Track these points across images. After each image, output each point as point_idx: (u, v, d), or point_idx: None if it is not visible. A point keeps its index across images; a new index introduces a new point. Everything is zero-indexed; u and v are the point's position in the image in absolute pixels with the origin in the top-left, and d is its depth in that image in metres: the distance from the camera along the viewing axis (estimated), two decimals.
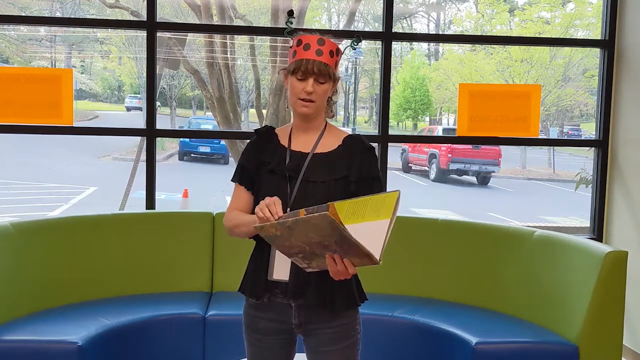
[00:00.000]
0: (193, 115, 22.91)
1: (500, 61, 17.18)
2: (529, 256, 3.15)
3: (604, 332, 2.79)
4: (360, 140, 1.89)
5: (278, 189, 1.81)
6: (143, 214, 3.49)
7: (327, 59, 1.80)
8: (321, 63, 1.79)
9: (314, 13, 21.17)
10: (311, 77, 1.79)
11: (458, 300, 3.34)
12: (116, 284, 3.27)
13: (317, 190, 1.81)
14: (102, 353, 2.70)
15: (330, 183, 1.81)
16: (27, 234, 3.04)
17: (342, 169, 1.83)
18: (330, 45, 1.83)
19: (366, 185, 1.83)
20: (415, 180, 15.85)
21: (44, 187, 12.18)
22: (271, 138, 1.93)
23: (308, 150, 1.87)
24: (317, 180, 1.82)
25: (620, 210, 3.91)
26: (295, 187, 1.81)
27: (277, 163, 1.86)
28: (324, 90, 1.82)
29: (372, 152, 1.89)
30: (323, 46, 1.81)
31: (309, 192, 1.80)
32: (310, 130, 1.89)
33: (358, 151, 1.86)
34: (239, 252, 3.40)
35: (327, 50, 1.81)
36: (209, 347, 3.00)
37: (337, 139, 1.89)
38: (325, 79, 1.81)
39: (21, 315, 2.87)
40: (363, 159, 1.85)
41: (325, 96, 1.84)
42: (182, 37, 8.31)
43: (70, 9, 17.04)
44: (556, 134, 20.50)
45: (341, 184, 1.82)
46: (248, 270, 1.92)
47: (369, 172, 1.85)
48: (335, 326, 1.85)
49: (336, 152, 1.86)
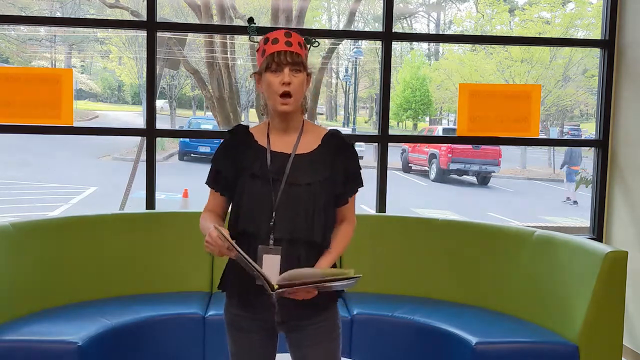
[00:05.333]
0: (193, 115, 22.92)
1: (500, 61, 17.20)
2: (529, 256, 3.15)
3: (604, 332, 2.79)
4: (340, 138, 1.90)
5: (262, 194, 1.80)
6: (143, 214, 3.49)
7: (297, 49, 1.81)
8: (293, 52, 1.79)
9: (314, 13, 21.19)
10: (286, 67, 1.79)
11: (458, 300, 3.34)
12: (116, 284, 3.27)
13: (302, 192, 1.80)
14: (102, 353, 2.70)
15: (314, 185, 1.81)
16: (27, 234, 3.04)
17: (326, 170, 1.84)
18: (298, 38, 1.83)
19: (352, 184, 1.88)
20: (415, 180, 15.85)
21: (44, 187, 12.19)
22: (247, 138, 1.90)
23: (289, 150, 1.85)
24: (301, 182, 1.81)
25: (620, 210, 3.91)
26: (280, 191, 1.80)
27: (259, 166, 1.83)
28: (300, 82, 1.80)
29: (353, 148, 1.91)
30: (291, 38, 1.81)
31: (293, 195, 1.80)
32: (289, 129, 1.87)
33: (340, 149, 1.87)
34: None
35: (296, 41, 1.82)
36: (209, 347, 3.00)
37: (317, 137, 1.89)
38: (300, 68, 1.80)
39: (21, 315, 2.87)
40: (346, 158, 1.87)
41: (301, 89, 1.82)
42: (182, 37, 8.31)
43: (70, 9, 17.04)
44: (556, 134, 20.50)
45: (326, 186, 1.83)
46: (229, 269, 1.91)
47: (354, 170, 1.88)
48: (318, 322, 1.86)
49: (317, 151, 1.86)
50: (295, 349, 1.90)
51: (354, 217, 1.95)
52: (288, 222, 1.78)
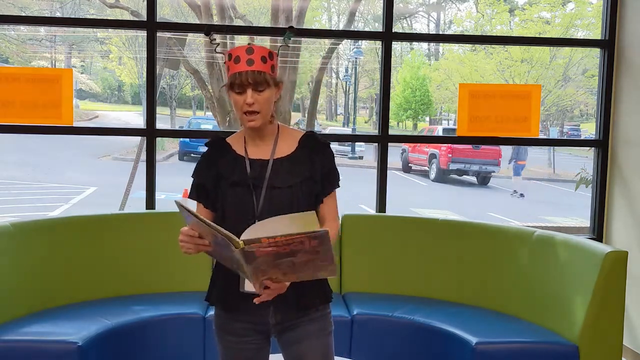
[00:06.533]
0: (193, 115, 22.93)
1: (500, 61, 17.20)
2: (529, 256, 3.15)
3: (604, 332, 2.79)
4: (316, 139, 1.90)
5: (243, 200, 1.80)
6: (143, 214, 3.49)
7: (259, 67, 1.77)
8: (254, 72, 1.76)
9: (314, 13, 21.19)
10: (248, 88, 1.77)
11: (458, 300, 3.34)
12: (116, 284, 3.27)
13: (284, 195, 1.80)
14: (102, 353, 2.70)
15: (295, 187, 1.81)
16: (27, 234, 3.04)
17: (305, 170, 1.84)
18: (261, 51, 1.79)
19: (328, 182, 1.88)
20: (415, 180, 15.86)
21: (44, 187, 12.19)
22: (224, 149, 1.90)
23: (267, 157, 1.85)
24: (282, 185, 1.81)
25: (620, 210, 3.91)
26: (262, 196, 1.80)
27: (238, 174, 1.83)
28: (265, 99, 1.79)
29: (328, 147, 1.91)
30: (252, 54, 1.77)
31: (275, 199, 1.79)
32: (265, 137, 1.87)
33: (317, 149, 1.88)
34: None
35: (258, 57, 1.78)
36: (209, 347, 3.00)
37: (294, 140, 1.89)
38: (264, 87, 1.78)
39: (21, 315, 2.87)
40: (323, 156, 1.88)
41: (269, 103, 1.81)
42: (182, 37, 8.32)
43: (70, 9, 17.05)
44: (556, 134, 20.51)
45: (306, 186, 1.83)
46: (215, 280, 1.90)
47: (330, 168, 1.88)
48: (312, 319, 1.87)
49: (295, 154, 1.86)
50: (289, 347, 1.88)
51: (335, 217, 1.91)
52: None
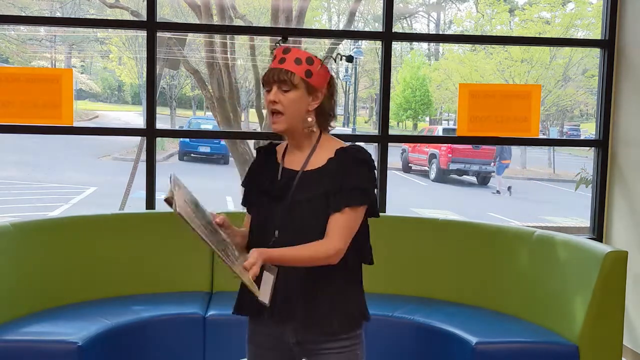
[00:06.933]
0: (193, 115, 22.92)
1: (500, 61, 17.20)
2: (529, 256, 3.15)
3: (604, 332, 2.79)
4: (350, 153, 1.78)
5: (267, 211, 1.79)
6: (143, 214, 3.49)
7: (290, 66, 1.75)
8: (281, 70, 1.75)
9: (314, 13, 21.18)
10: (274, 85, 1.76)
11: (458, 300, 3.33)
12: (116, 284, 3.26)
13: (303, 209, 1.75)
14: (102, 353, 2.70)
15: (314, 200, 1.74)
16: (27, 234, 3.04)
17: (328, 184, 1.74)
18: (297, 53, 1.77)
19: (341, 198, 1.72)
20: (415, 180, 15.86)
21: (44, 187, 12.19)
22: (269, 156, 1.89)
23: (299, 167, 1.81)
24: (302, 199, 1.75)
25: (620, 210, 3.91)
26: (282, 208, 1.76)
27: (268, 183, 1.82)
28: (290, 100, 1.75)
29: (363, 164, 1.76)
30: (287, 54, 1.77)
31: (294, 212, 1.75)
32: (303, 146, 1.83)
33: (347, 164, 1.75)
34: None
35: (292, 57, 1.76)
36: (209, 347, 3.00)
37: (330, 153, 1.79)
38: (289, 87, 1.74)
39: (21, 315, 2.87)
40: (349, 172, 1.74)
41: (294, 107, 1.76)
42: (182, 37, 8.31)
43: (70, 9, 17.05)
44: (556, 134, 20.51)
45: (325, 200, 1.74)
46: (242, 288, 1.86)
47: (352, 185, 1.73)
48: (335, 348, 1.77)
49: (325, 167, 1.78)
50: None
51: (335, 239, 1.71)
52: (289, 240, 1.72)
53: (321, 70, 1.79)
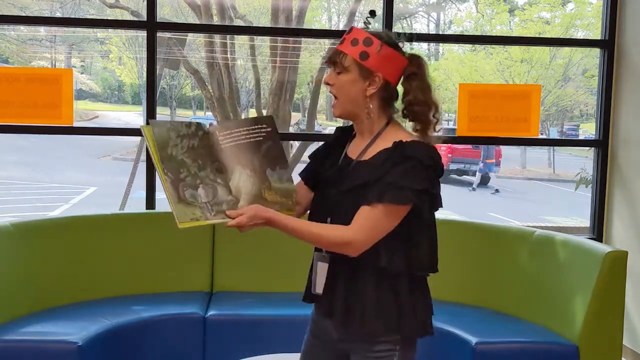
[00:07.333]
0: (193, 115, 22.92)
1: (500, 61, 17.19)
2: (529, 256, 3.15)
3: (604, 332, 2.79)
4: (404, 147, 1.63)
5: (321, 197, 1.75)
6: (143, 214, 3.49)
7: (344, 47, 1.66)
8: (335, 50, 1.68)
9: (314, 13, 21.15)
10: (330, 67, 1.70)
11: (458, 300, 3.33)
12: (116, 284, 3.27)
13: (347, 199, 1.65)
14: (102, 353, 2.70)
15: (355, 191, 1.64)
16: (27, 234, 3.04)
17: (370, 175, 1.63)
18: (356, 34, 1.66)
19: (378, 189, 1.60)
20: None
21: (44, 187, 12.18)
22: (341, 140, 1.83)
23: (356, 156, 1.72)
24: (347, 189, 1.66)
25: (620, 210, 3.91)
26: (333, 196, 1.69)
27: (329, 166, 1.77)
28: (341, 83, 1.67)
29: (412, 160, 1.60)
30: (348, 34, 1.68)
31: (341, 202, 1.66)
32: (363, 134, 1.74)
33: (395, 157, 1.62)
34: (239, 252, 3.42)
35: (350, 38, 1.67)
36: (209, 347, 3.00)
37: (389, 144, 1.66)
38: (339, 69, 1.67)
39: (21, 315, 2.87)
40: (395, 166, 1.60)
41: (346, 90, 1.67)
42: (182, 37, 8.31)
43: (70, 9, 17.03)
44: (556, 134, 20.51)
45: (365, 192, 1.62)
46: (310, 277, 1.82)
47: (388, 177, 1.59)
48: (373, 351, 1.67)
49: (376, 157, 1.66)
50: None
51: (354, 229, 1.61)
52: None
53: (382, 51, 1.65)
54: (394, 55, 1.68)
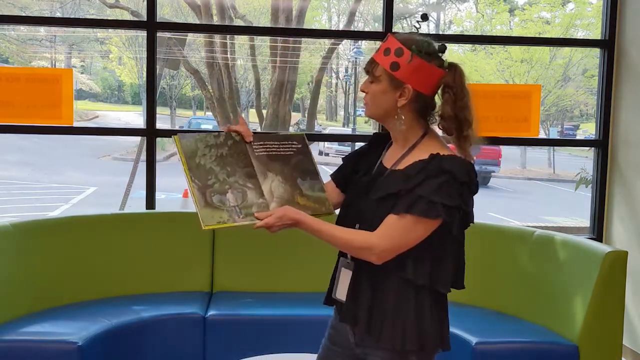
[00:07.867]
0: (193, 115, 22.93)
1: (500, 61, 17.19)
2: (529, 256, 3.15)
3: (604, 332, 2.79)
4: (439, 160, 1.59)
5: (350, 203, 1.73)
6: (143, 214, 3.49)
7: (379, 57, 1.66)
8: (370, 59, 1.68)
9: (314, 13, 21.16)
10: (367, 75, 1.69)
11: (458, 300, 3.32)
12: (116, 284, 3.26)
13: (376, 208, 1.62)
14: (102, 353, 2.70)
15: (386, 200, 1.61)
16: (27, 234, 3.04)
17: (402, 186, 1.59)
18: (389, 43, 1.65)
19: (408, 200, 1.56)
20: None
21: (44, 187, 12.19)
22: (377, 147, 1.82)
23: (391, 165, 1.70)
24: (377, 197, 1.63)
25: (620, 210, 3.91)
26: (364, 203, 1.67)
27: (363, 174, 1.75)
28: (374, 92, 1.66)
29: (445, 174, 1.56)
30: (385, 42, 1.67)
31: (370, 211, 1.64)
32: (398, 142, 1.72)
33: (429, 170, 1.57)
34: (239, 252, 3.42)
35: (383, 47, 1.66)
36: (209, 347, 3.00)
37: (425, 155, 1.62)
38: (372, 78, 1.66)
39: (21, 315, 2.87)
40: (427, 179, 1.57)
41: (376, 99, 1.67)
42: (182, 37, 8.31)
43: (70, 9, 17.03)
44: (556, 134, 20.51)
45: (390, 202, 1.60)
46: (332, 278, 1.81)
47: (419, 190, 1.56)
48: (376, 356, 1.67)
49: (410, 168, 1.62)
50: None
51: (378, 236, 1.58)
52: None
53: (413, 62, 1.62)
54: (426, 66, 1.64)
